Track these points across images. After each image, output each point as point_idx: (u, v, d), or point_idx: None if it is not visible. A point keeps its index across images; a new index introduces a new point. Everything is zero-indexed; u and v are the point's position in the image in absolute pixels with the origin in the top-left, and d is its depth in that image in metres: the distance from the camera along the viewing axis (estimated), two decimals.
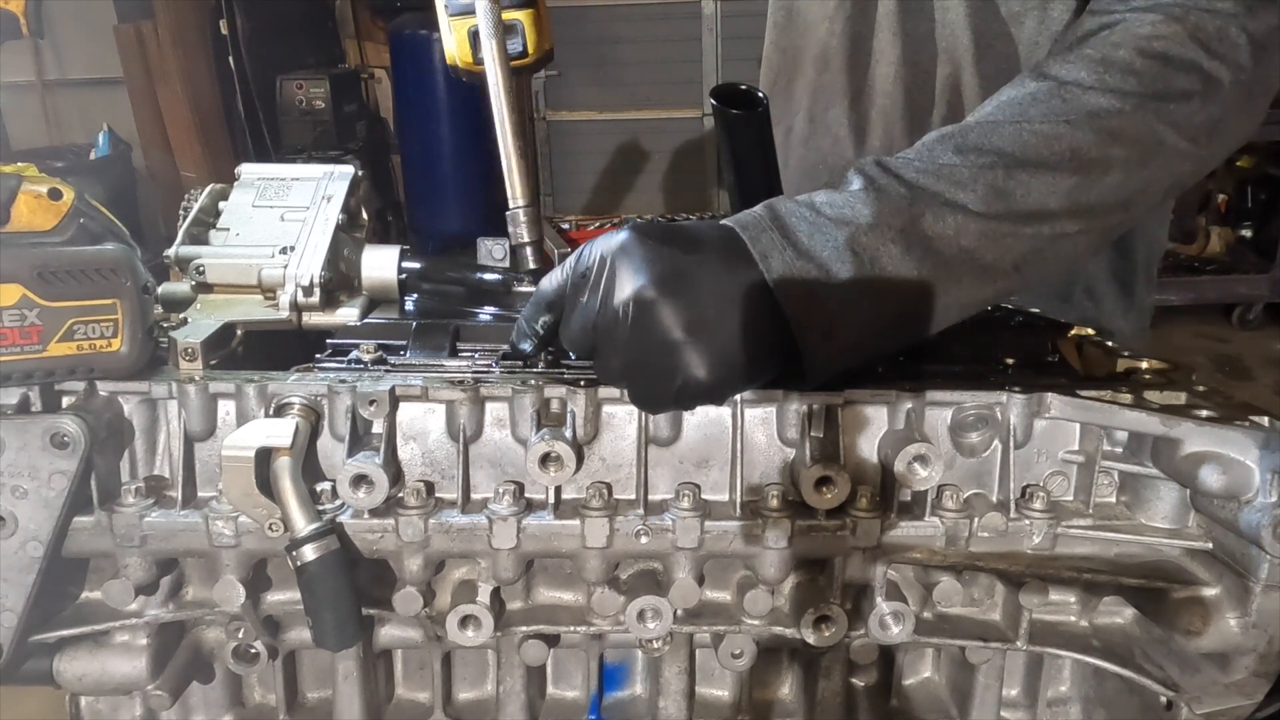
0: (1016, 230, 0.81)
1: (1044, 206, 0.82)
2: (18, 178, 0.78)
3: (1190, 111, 0.85)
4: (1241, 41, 0.87)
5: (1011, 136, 0.82)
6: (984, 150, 0.82)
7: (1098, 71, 0.84)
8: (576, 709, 0.98)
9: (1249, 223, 6.13)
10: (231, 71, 6.40)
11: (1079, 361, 1.02)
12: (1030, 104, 0.84)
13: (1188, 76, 0.85)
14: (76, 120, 6.26)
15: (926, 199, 0.79)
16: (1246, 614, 0.78)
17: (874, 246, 0.77)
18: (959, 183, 0.80)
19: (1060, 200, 0.82)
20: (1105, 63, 0.85)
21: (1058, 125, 0.82)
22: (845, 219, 0.78)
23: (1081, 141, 0.82)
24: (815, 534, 0.82)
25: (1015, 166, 0.81)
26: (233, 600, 0.83)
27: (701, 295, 0.73)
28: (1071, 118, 0.83)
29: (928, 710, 0.98)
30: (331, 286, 1.00)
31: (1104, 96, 0.83)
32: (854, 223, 0.77)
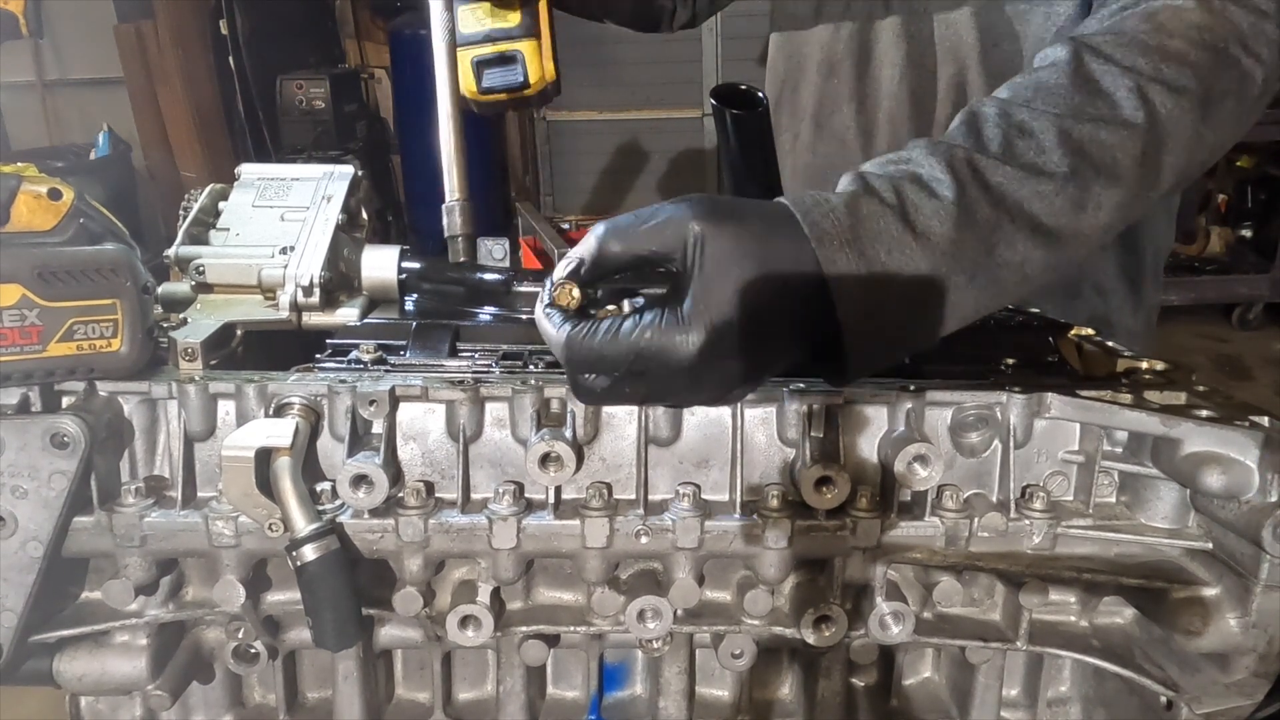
0: (1073, 255, 0.79)
1: (1111, 224, 0.79)
2: (17, 178, 0.77)
3: (1227, 111, 0.83)
4: (1274, 38, 0.85)
5: (1090, 137, 0.77)
6: (1065, 149, 0.77)
7: (1154, 60, 0.80)
8: (576, 709, 0.98)
9: (1249, 223, 6.14)
10: (231, 71, 6.40)
11: (1079, 361, 1.02)
12: (1094, 96, 0.79)
13: (1230, 74, 0.83)
14: (76, 120, 6.26)
15: (1005, 221, 0.75)
16: (1246, 614, 0.78)
17: (946, 276, 0.74)
18: (1041, 194, 0.76)
19: (1113, 215, 0.79)
20: (1162, 52, 0.81)
21: (1123, 132, 0.78)
22: (933, 243, 0.73)
23: (1142, 148, 0.79)
24: (815, 534, 0.82)
25: (1092, 177, 0.77)
26: (233, 600, 0.83)
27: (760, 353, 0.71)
28: (1134, 123, 0.78)
29: (928, 710, 0.98)
30: (331, 286, 1.00)
31: (1162, 93, 0.79)
32: (938, 250, 0.73)
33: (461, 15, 0.99)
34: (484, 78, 1.00)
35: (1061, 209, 0.76)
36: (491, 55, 1.00)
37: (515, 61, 1.00)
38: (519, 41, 0.99)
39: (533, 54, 1.00)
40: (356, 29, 7.56)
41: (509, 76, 1.00)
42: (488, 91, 1.00)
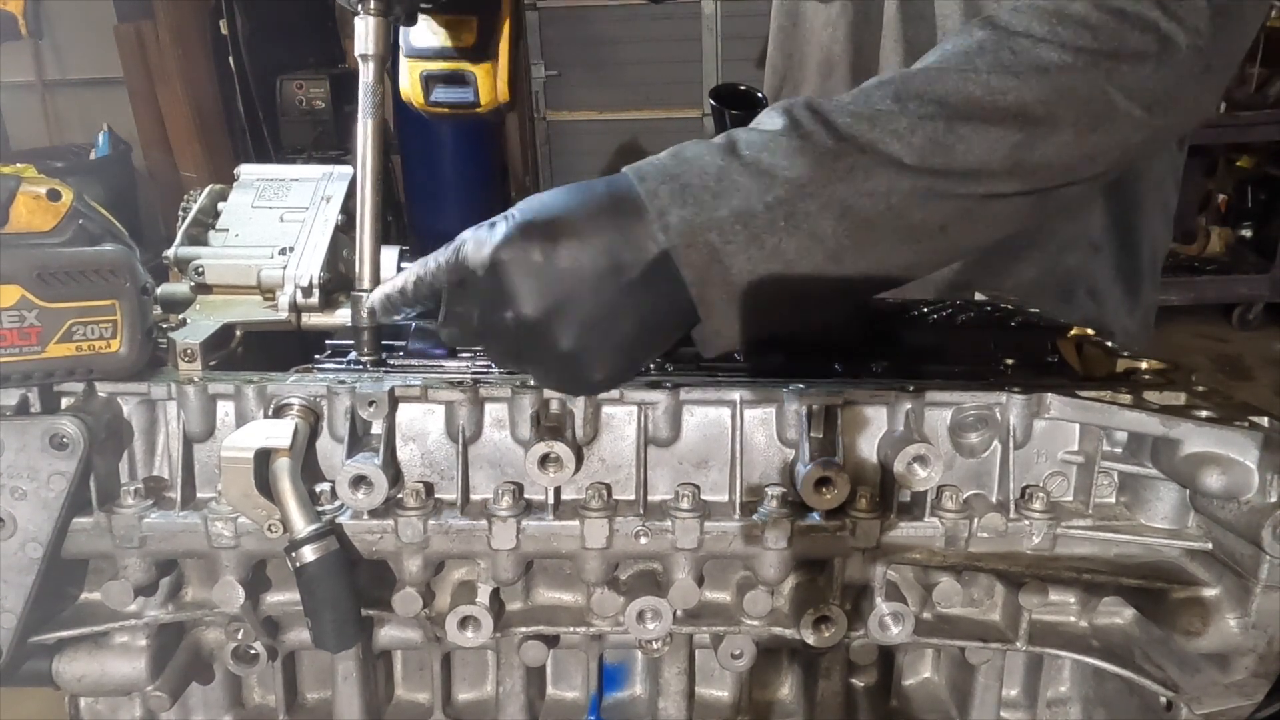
0: (952, 189, 0.75)
1: (984, 164, 0.75)
2: (16, 179, 0.77)
3: (1144, 75, 0.78)
4: (1202, 4, 0.80)
5: (955, 86, 0.76)
6: (925, 99, 0.75)
7: (1050, 23, 0.78)
8: (576, 709, 0.98)
9: (1249, 223, 6.14)
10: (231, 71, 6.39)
11: (1079, 361, 1.02)
12: (977, 53, 0.77)
13: (1143, 36, 0.78)
14: (76, 120, 6.26)
15: (857, 152, 0.73)
16: (1246, 614, 0.78)
17: (789, 203, 0.71)
18: (895, 132, 0.74)
19: (1001, 158, 0.76)
20: (1059, 15, 0.78)
21: (1005, 78, 0.76)
22: (761, 168, 0.72)
23: (1029, 97, 0.76)
24: (815, 534, 0.82)
25: (957, 119, 0.75)
26: (232, 601, 0.83)
27: (590, 306, 0.71)
28: (1020, 71, 0.76)
29: (928, 710, 0.98)
30: (331, 287, 1.00)
31: (1055, 50, 0.77)
32: (770, 175, 0.71)
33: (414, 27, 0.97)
34: (432, 92, 0.99)
35: (920, 146, 0.74)
36: (442, 72, 0.99)
37: (467, 83, 0.99)
38: (473, 65, 0.98)
39: (485, 77, 0.99)
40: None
41: (460, 95, 1.00)
42: (435, 104, 1.00)
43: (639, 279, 0.71)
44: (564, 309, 0.71)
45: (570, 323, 0.71)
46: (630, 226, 0.71)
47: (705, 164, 0.73)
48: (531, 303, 0.70)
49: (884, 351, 1.00)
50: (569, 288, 0.71)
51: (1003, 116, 0.76)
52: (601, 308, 0.71)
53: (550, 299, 0.70)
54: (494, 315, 0.72)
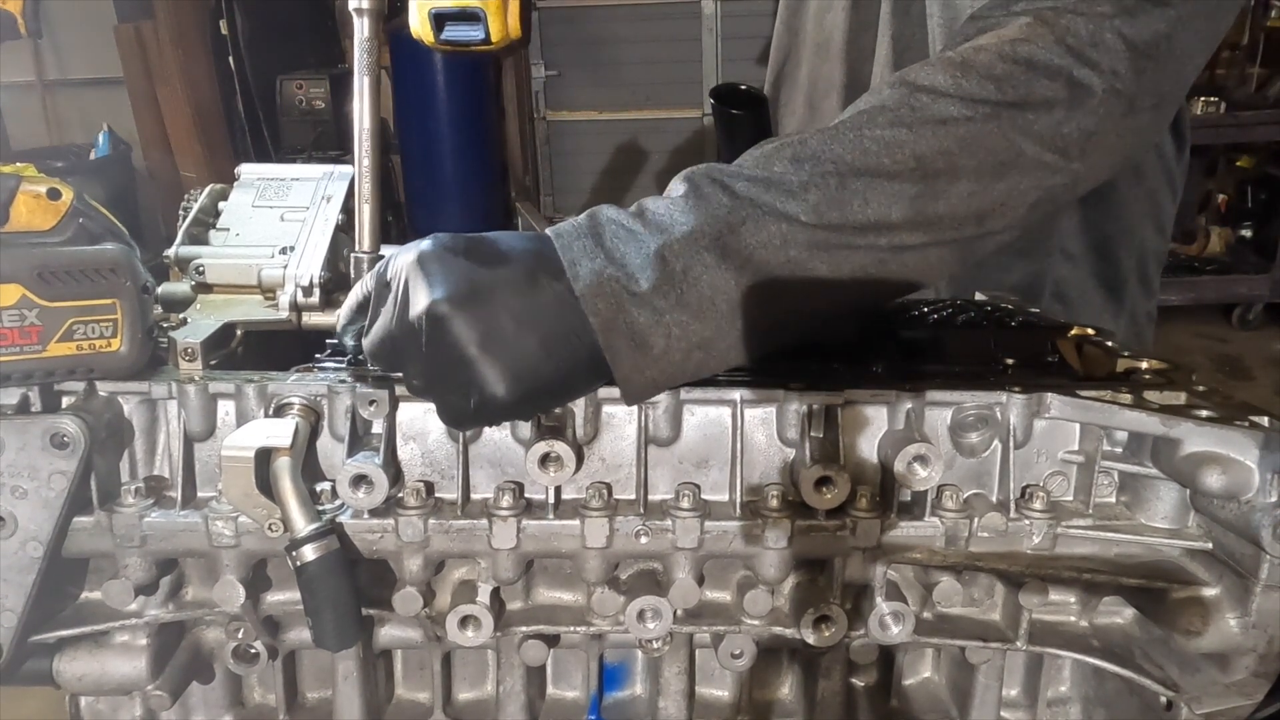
0: (852, 241, 0.76)
1: (884, 217, 0.76)
2: (17, 178, 0.77)
3: (1055, 121, 0.78)
4: (1119, 48, 0.79)
5: (851, 143, 0.77)
6: (820, 158, 0.76)
7: (954, 76, 0.78)
8: (576, 709, 0.98)
9: (1249, 223, 6.14)
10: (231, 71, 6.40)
11: (1079, 361, 1.02)
12: (879, 111, 0.78)
13: (1052, 84, 0.78)
14: (76, 120, 6.26)
15: (749, 208, 0.75)
16: (1246, 614, 0.78)
17: (687, 255, 0.73)
18: (789, 192, 0.75)
19: (902, 210, 0.76)
20: (964, 67, 0.79)
21: (899, 131, 0.77)
22: (662, 226, 0.74)
23: (925, 149, 0.76)
24: (815, 534, 0.82)
25: (851, 174, 0.76)
26: (233, 600, 0.83)
27: (498, 309, 0.71)
28: (917, 124, 0.77)
29: (928, 710, 0.98)
30: (331, 286, 1.00)
31: (955, 104, 0.77)
32: (669, 230, 0.74)
33: None
34: (444, 30, 0.98)
35: (815, 202, 0.75)
36: (452, 9, 0.98)
37: (478, 19, 0.98)
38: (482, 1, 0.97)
39: (496, 11, 0.98)
40: None
41: (470, 33, 0.98)
42: (446, 43, 0.99)
43: (552, 313, 0.72)
44: (472, 306, 0.71)
45: (475, 322, 0.71)
46: (547, 271, 0.73)
47: (616, 225, 0.76)
48: (444, 288, 0.71)
49: (884, 351, 1.00)
50: (484, 286, 0.72)
51: (899, 170, 0.76)
52: (512, 317, 0.71)
53: (464, 288, 0.71)
54: (407, 315, 0.72)
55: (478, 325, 0.71)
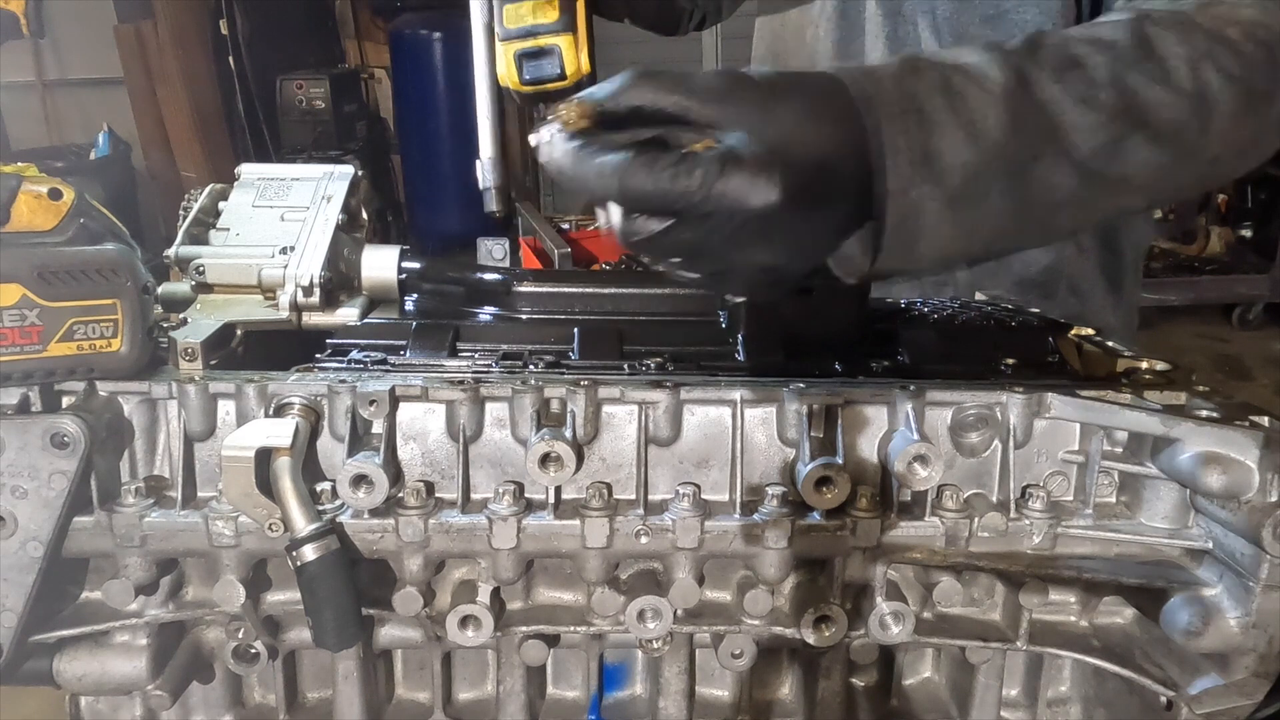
0: (1096, 196, 0.78)
1: (1132, 177, 0.78)
2: (18, 178, 0.77)
3: (1273, 112, 0.83)
4: None
5: (1140, 87, 0.77)
6: (1114, 90, 0.76)
7: (1210, 41, 0.80)
8: (576, 709, 0.98)
9: (1249, 223, 6.14)
10: (231, 71, 6.40)
11: (1079, 361, 1.02)
12: (1151, 55, 0.79)
13: (1276, 73, 0.82)
14: (76, 120, 6.26)
15: (1047, 140, 0.74)
16: (1246, 614, 0.78)
17: (984, 170, 0.73)
18: (1081, 126, 0.75)
19: (1140, 171, 0.78)
20: (1217, 36, 0.81)
21: (1171, 95, 0.77)
22: (973, 124, 0.72)
23: (1190, 117, 0.78)
24: (815, 534, 0.82)
25: (1132, 127, 0.77)
26: (233, 600, 0.83)
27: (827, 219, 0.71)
28: (1186, 89, 0.78)
29: (928, 710, 0.98)
30: (331, 286, 1.00)
31: (1223, 82, 0.79)
32: (980, 137, 0.72)
33: (506, 11, 1.05)
34: (524, 69, 1.05)
35: (1098, 147, 0.75)
36: (532, 49, 1.05)
37: (553, 54, 1.05)
38: (557, 36, 1.05)
39: (569, 48, 1.05)
40: (356, 29, 7.56)
41: (546, 69, 1.05)
42: (528, 83, 1.06)
43: (844, 153, 0.70)
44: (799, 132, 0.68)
45: (806, 149, 0.68)
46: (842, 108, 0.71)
47: (929, 109, 0.72)
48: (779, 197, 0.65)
49: (884, 351, 1.00)
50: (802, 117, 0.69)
51: (1164, 134, 0.78)
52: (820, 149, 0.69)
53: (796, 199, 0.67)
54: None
55: (809, 240, 0.71)
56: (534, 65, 1.06)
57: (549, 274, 1.15)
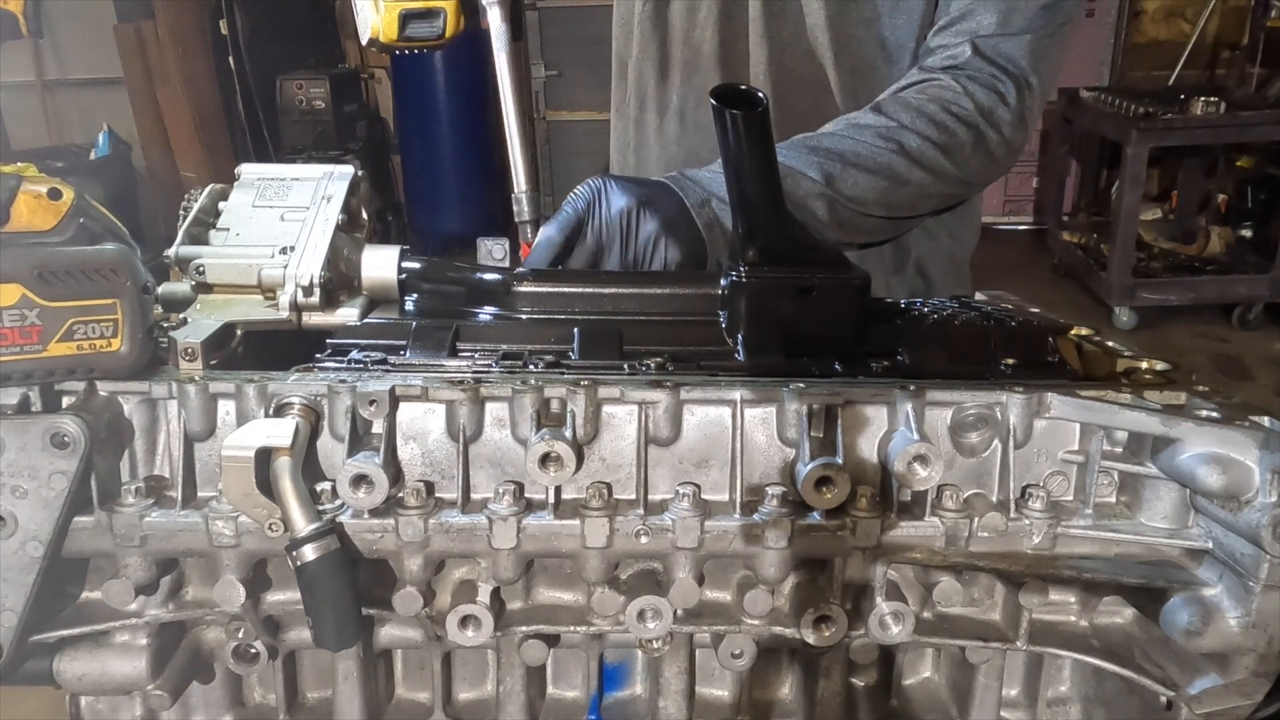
0: (841, 204, 1.29)
1: (862, 195, 1.30)
2: (17, 178, 0.77)
3: (966, 156, 1.34)
4: (1007, 118, 1.35)
5: (850, 147, 1.31)
6: (830, 153, 1.30)
7: (913, 117, 1.32)
8: (576, 709, 0.98)
9: (1249, 223, 6.14)
10: (231, 71, 6.40)
11: (1079, 361, 1.02)
12: (867, 129, 1.32)
13: (968, 132, 1.33)
14: (76, 120, 6.26)
15: (790, 173, 1.25)
16: (1246, 614, 0.78)
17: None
18: (809, 165, 1.27)
19: (873, 195, 1.31)
20: (920, 112, 1.32)
21: (883, 150, 1.31)
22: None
23: (895, 163, 1.31)
24: (815, 534, 0.82)
25: (848, 165, 1.29)
26: (233, 600, 0.83)
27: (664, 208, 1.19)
28: (892, 147, 1.31)
29: (928, 710, 0.98)
30: (331, 286, 1.00)
31: (915, 137, 1.31)
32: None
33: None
34: (407, 27, 1.12)
35: (823, 178, 1.28)
36: (420, 10, 1.11)
37: (438, 16, 1.12)
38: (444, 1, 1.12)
39: (453, 10, 1.12)
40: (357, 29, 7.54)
41: (430, 28, 1.12)
42: (407, 39, 1.12)
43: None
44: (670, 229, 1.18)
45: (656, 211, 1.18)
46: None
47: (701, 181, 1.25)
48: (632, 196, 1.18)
49: (884, 351, 1.00)
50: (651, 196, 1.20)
51: (877, 170, 1.31)
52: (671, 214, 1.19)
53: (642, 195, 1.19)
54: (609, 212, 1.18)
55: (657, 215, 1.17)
56: (419, 25, 1.12)
57: (549, 274, 1.14)
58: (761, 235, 0.99)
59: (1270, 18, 6.43)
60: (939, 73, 1.35)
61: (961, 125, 1.31)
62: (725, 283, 1.02)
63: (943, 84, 1.33)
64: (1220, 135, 5.53)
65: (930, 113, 1.30)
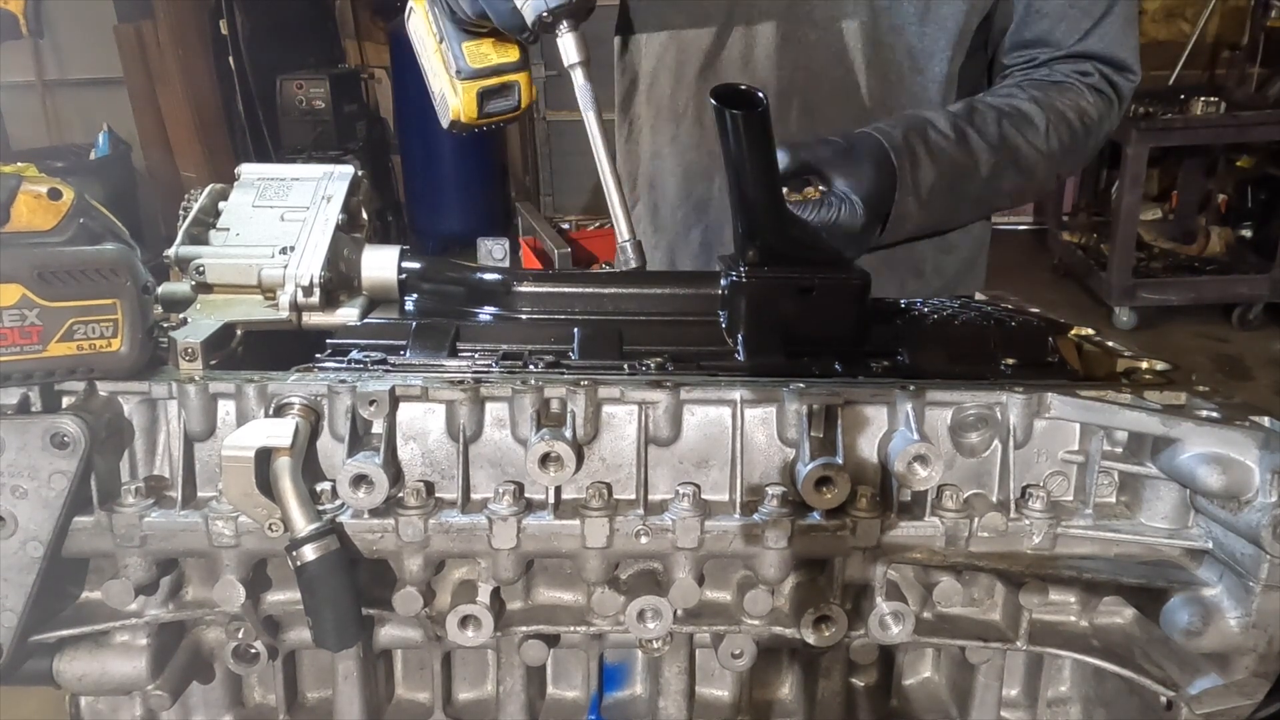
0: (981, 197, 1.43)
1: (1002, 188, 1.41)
2: (18, 178, 0.77)
3: (1072, 159, 1.47)
4: (1107, 129, 1.48)
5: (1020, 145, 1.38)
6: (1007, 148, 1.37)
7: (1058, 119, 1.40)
8: (576, 709, 0.98)
9: (1249, 223, 6.14)
10: (231, 71, 6.40)
11: (1079, 361, 1.02)
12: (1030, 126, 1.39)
13: (1085, 137, 1.44)
14: (76, 120, 6.26)
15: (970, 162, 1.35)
16: (1246, 614, 0.78)
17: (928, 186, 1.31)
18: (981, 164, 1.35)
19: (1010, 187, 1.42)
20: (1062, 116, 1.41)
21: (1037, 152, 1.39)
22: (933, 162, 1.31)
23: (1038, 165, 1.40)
24: (815, 534, 0.82)
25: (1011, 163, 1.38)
26: (233, 600, 0.83)
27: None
28: (1043, 151, 1.39)
29: (928, 710, 0.98)
30: (331, 286, 1.00)
31: (1057, 140, 1.40)
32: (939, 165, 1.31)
33: (467, 51, 1.16)
34: (486, 105, 1.18)
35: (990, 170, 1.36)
36: (495, 86, 1.18)
37: (513, 90, 1.19)
38: (518, 74, 1.19)
39: (526, 83, 1.20)
40: (356, 29, 7.56)
41: (507, 103, 1.20)
42: (487, 116, 1.19)
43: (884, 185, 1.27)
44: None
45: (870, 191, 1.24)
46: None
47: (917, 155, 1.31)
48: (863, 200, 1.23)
49: (884, 351, 1.00)
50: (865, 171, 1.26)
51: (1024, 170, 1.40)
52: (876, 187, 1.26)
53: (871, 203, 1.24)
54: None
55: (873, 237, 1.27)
56: (496, 101, 1.19)
57: (549, 274, 1.15)
58: (761, 235, 0.99)
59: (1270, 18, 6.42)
60: (1073, 79, 1.44)
61: (1084, 131, 1.42)
62: (725, 283, 1.02)
63: (1079, 90, 1.43)
64: (1220, 135, 5.53)
65: (1070, 118, 1.40)
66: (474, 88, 1.16)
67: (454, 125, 1.21)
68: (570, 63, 1.08)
